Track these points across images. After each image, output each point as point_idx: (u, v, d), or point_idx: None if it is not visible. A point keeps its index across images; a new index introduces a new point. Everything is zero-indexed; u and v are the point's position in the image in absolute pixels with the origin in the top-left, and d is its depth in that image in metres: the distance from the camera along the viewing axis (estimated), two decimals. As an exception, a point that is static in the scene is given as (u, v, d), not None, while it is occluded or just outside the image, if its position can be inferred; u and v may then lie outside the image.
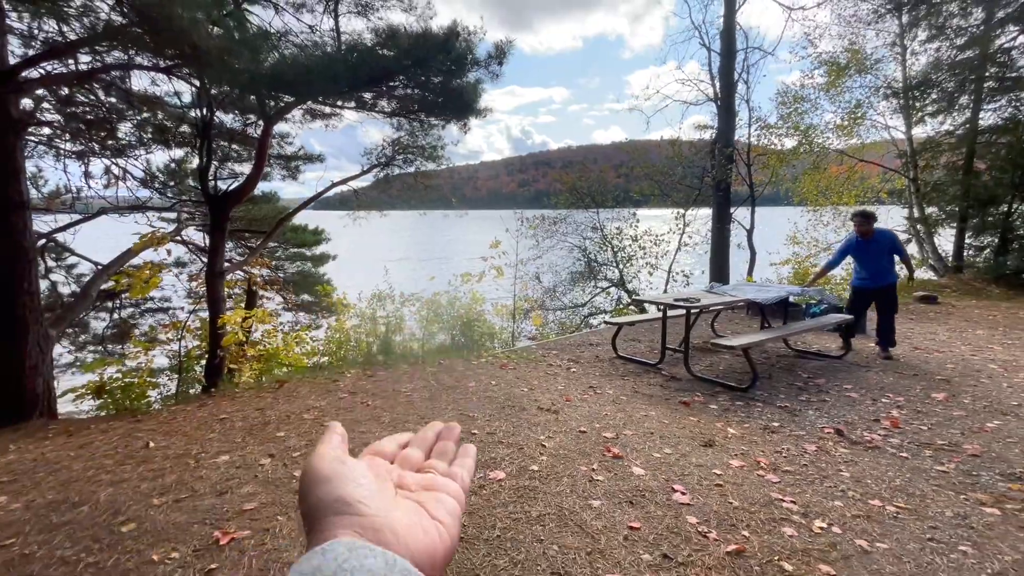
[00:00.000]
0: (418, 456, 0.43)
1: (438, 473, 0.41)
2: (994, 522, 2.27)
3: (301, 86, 4.36)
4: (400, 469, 0.40)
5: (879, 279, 5.20)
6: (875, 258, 5.19)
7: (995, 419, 3.48)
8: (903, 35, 11.87)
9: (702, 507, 2.37)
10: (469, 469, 0.43)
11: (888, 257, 5.19)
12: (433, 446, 0.44)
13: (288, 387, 4.52)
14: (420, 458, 0.42)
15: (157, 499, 2.48)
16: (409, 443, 0.44)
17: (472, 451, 0.45)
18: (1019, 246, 10.73)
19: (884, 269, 5.19)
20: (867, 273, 5.27)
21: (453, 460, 0.43)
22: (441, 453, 0.43)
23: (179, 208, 7.97)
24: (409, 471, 0.40)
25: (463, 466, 0.42)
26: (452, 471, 0.41)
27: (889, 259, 5.20)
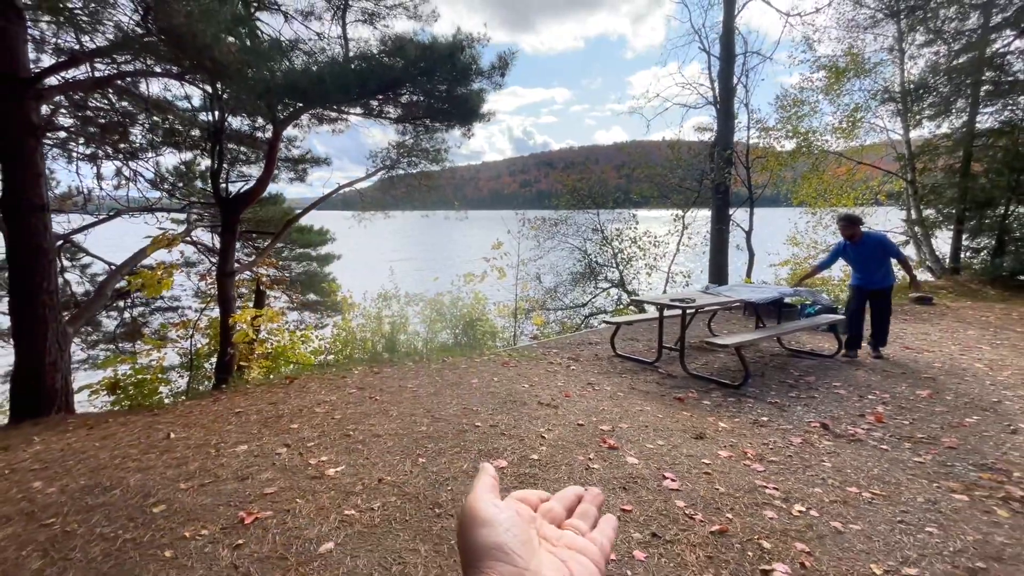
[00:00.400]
0: (560, 512, 0.43)
1: (580, 534, 0.41)
2: (961, 507, 2.44)
3: (313, 95, 4.55)
4: (543, 520, 0.42)
5: (874, 282, 5.22)
6: (866, 262, 5.24)
7: (974, 415, 3.65)
8: (901, 39, 12.01)
9: (690, 492, 2.54)
10: (610, 538, 0.42)
11: (881, 260, 5.20)
12: (575, 507, 0.45)
13: (298, 383, 4.71)
14: (562, 514, 0.43)
15: (183, 484, 2.67)
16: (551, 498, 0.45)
17: (614, 522, 0.45)
18: (1015, 248, 10.85)
19: (878, 272, 5.20)
20: (862, 275, 5.31)
21: (595, 525, 0.43)
22: (583, 515, 0.44)
23: (189, 210, 8.17)
24: (551, 525, 0.41)
25: (604, 534, 0.42)
26: (594, 536, 0.42)
27: (882, 262, 5.20)
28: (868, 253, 5.19)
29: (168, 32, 3.26)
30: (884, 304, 5.24)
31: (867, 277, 5.25)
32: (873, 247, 5.19)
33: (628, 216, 12.45)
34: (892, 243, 5.28)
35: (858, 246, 5.22)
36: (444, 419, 3.54)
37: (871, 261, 5.20)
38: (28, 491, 2.74)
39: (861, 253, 5.23)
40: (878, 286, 5.23)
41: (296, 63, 5.03)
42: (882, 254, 5.19)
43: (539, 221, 12.37)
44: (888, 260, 5.23)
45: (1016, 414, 3.64)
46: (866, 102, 12.50)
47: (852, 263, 5.42)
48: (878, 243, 5.20)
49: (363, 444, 3.14)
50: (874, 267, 5.20)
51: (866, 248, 5.20)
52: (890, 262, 5.25)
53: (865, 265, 5.25)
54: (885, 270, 5.24)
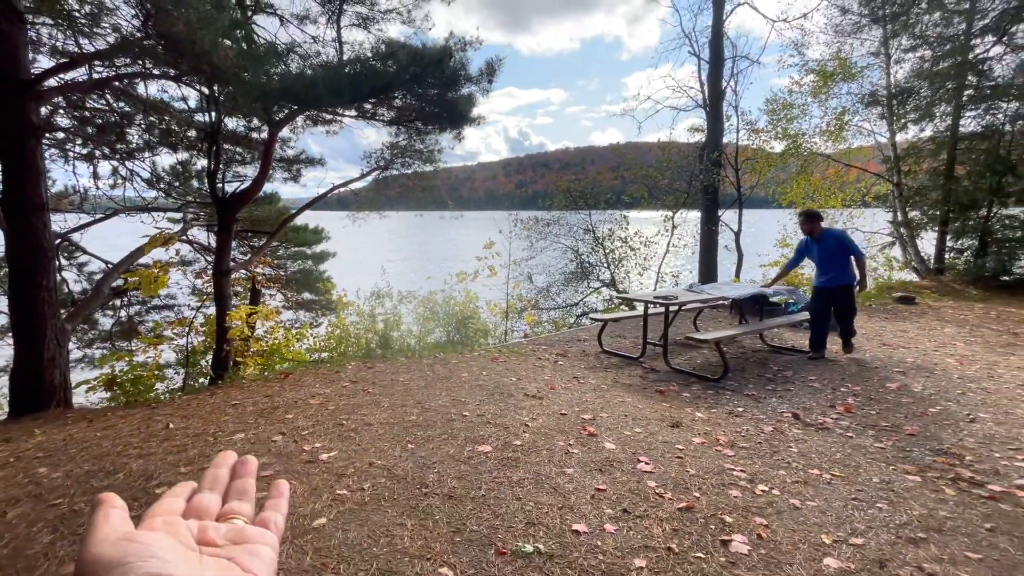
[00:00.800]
0: (215, 502, 0.39)
1: (246, 520, 0.38)
2: (913, 487, 2.62)
3: (308, 98, 4.70)
4: (199, 522, 0.36)
5: (834, 279, 5.21)
6: (826, 258, 5.23)
7: (938, 405, 3.84)
8: (887, 43, 12.26)
9: (662, 474, 2.71)
10: (283, 513, 0.39)
11: (841, 257, 5.19)
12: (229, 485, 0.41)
13: (293, 378, 4.85)
14: (217, 503, 0.39)
15: (184, 468, 2.82)
16: (200, 489, 0.40)
17: (285, 491, 0.41)
18: (997, 249, 11.10)
19: (838, 269, 5.19)
20: (822, 273, 5.30)
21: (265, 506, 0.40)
22: (240, 492, 0.40)
23: (186, 209, 8.29)
24: (210, 522, 0.37)
25: (276, 508, 0.39)
26: (265, 517, 0.38)
27: (843, 259, 5.19)
28: (828, 250, 5.21)
29: (168, 38, 3.39)
30: (847, 301, 5.25)
31: (828, 275, 5.24)
32: (833, 244, 5.19)
33: (619, 217, 12.64)
34: (851, 240, 5.27)
35: (819, 242, 5.25)
36: (433, 409, 3.70)
37: (832, 257, 5.20)
38: (34, 476, 2.88)
39: (822, 250, 5.25)
40: (839, 283, 5.21)
41: (291, 66, 5.17)
42: (842, 251, 5.19)
43: (532, 221, 12.54)
44: (848, 257, 5.21)
45: (977, 405, 3.84)
46: (853, 105, 12.75)
47: (814, 261, 5.41)
48: (838, 240, 5.21)
49: (355, 432, 3.29)
50: (834, 264, 5.19)
51: (826, 244, 5.21)
52: (850, 259, 5.23)
53: (826, 262, 5.25)
54: (845, 266, 5.21)
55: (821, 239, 5.24)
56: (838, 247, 5.18)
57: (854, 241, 5.29)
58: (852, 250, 5.20)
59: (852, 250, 5.20)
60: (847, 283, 5.22)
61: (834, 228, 5.44)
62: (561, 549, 2.05)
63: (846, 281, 5.21)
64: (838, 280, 5.21)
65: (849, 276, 5.22)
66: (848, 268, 5.22)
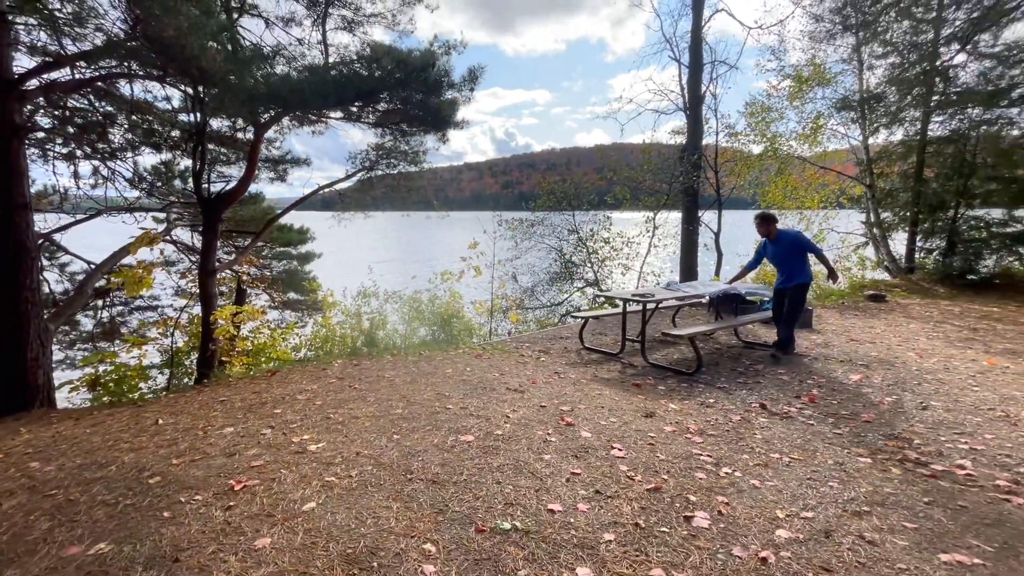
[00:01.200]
0: None
1: None
2: (863, 467, 2.83)
3: (294, 102, 4.79)
4: None
5: (788, 280, 5.26)
6: (781, 259, 5.29)
7: (895, 395, 4.09)
8: (859, 50, 12.68)
9: (633, 459, 2.89)
10: None
11: (797, 258, 5.21)
12: None
13: (280, 375, 4.94)
14: None
15: (175, 460, 2.91)
16: None
17: None
18: (964, 249, 11.55)
19: (793, 270, 5.22)
20: (780, 274, 5.37)
21: None
22: None
23: (169, 209, 8.28)
24: None
25: None
26: None
27: (798, 260, 5.22)
28: (784, 250, 5.26)
29: (157, 41, 3.46)
30: (794, 302, 5.25)
31: (785, 276, 5.30)
32: (789, 244, 5.25)
33: (603, 218, 12.87)
34: (807, 240, 5.31)
35: (775, 244, 5.31)
36: (418, 403, 3.83)
37: (788, 258, 5.26)
38: (26, 470, 2.95)
39: (779, 250, 5.30)
40: (794, 283, 5.25)
41: (278, 69, 5.26)
42: (798, 252, 5.22)
43: (516, 222, 12.71)
44: (804, 257, 5.24)
45: (931, 394, 4.09)
46: (828, 110, 13.15)
47: (772, 262, 5.47)
48: (793, 240, 5.25)
49: (342, 425, 3.41)
50: (790, 264, 5.25)
51: (782, 245, 5.27)
52: (807, 259, 5.27)
53: (782, 262, 5.31)
54: (800, 267, 5.25)
55: (777, 240, 5.30)
56: (793, 248, 5.23)
57: (809, 240, 5.33)
58: (809, 249, 5.24)
59: (809, 249, 5.24)
60: (802, 282, 5.26)
61: (790, 229, 5.47)
62: (537, 526, 2.21)
63: (801, 280, 5.26)
64: (792, 280, 5.26)
65: (805, 276, 5.27)
66: (804, 268, 5.27)
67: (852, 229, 13.94)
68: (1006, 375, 4.59)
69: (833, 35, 12.00)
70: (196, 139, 6.16)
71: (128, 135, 7.87)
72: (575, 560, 1.98)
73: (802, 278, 5.26)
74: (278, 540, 2.10)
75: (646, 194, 12.80)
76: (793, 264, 5.25)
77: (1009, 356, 5.23)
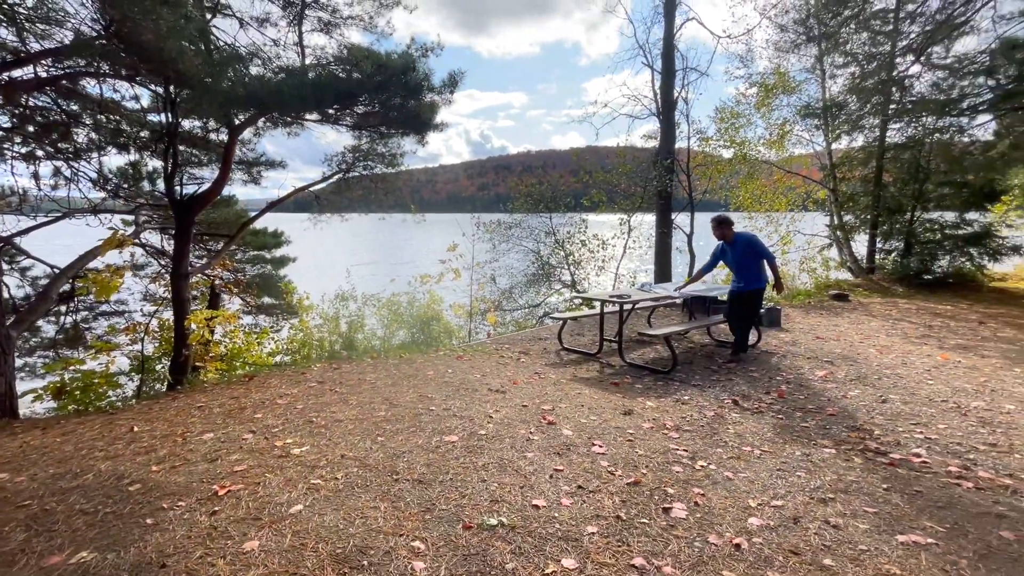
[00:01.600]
0: None
1: None
2: (828, 457, 3.00)
3: (272, 104, 4.75)
4: None
5: (746, 283, 5.20)
6: (737, 262, 5.24)
7: (856, 389, 4.31)
8: (821, 60, 13.22)
9: (613, 455, 2.99)
10: None
11: (752, 260, 5.17)
12: None
13: (258, 380, 4.88)
14: None
15: (155, 467, 2.87)
16: None
17: None
18: (920, 250, 12.15)
19: (749, 273, 5.18)
20: (736, 277, 5.32)
21: None
22: None
23: (138, 211, 8.06)
24: None
25: None
26: None
27: (754, 263, 5.17)
28: (740, 253, 5.23)
29: (132, 43, 3.40)
30: (750, 307, 5.25)
31: (740, 279, 5.26)
32: (744, 247, 5.21)
33: (579, 220, 13.06)
34: (760, 243, 5.26)
35: (732, 247, 5.29)
36: (401, 405, 3.86)
37: (743, 261, 5.22)
38: (-4, 481, 2.86)
39: (735, 254, 5.28)
40: (750, 288, 5.21)
41: (253, 70, 5.20)
42: (752, 254, 5.18)
43: (494, 224, 12.77)
44: (759, 261, 5.20)
45: (889, 388, 4.33)
46: (793, 116, 13.66)
47: (728, 265, 5.41)
48: (747, 243, 5.21)
49: (325, 428, 3.41)
50: (746, 268, 5.21)
51: (738, 248, 5.24)
52: (762, 263, 5.21)
53: (738, 266, 5.26)
54: (756, 271, 5.20)
55: (734, 243, 5.27)
56: (748, 251, 5.20)
57: (763, 244, 5.28)
58: (762, 253, 5.19)
59: (762, 253, 5.19)
60: (757, 287, 5.22)
61: (745, 232, 5.39)
62: (522, 521, 2.28)
63: (756, 285, 5.21)
64: (749, 285, 5.22)
65: (761, 280, 5.22)
66: (760, 272, 5.23)
67: (817, 231, 14.49)
68: (957, 369, 4.88)
69: (797, 45, 12.48)
70: (167, 140, 6.03)
71: (93, 135, 7.63)
72: (560, 552, 2.06)
73: (759, 283, 5.23)
74: (266, 542, 2.11)
75: (621, 197, 13.05)
76: (750, 267, 5.21)
77: (960, 351, 5.56)
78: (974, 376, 4.64)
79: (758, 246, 5.21)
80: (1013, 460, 2.97)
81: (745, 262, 5.21)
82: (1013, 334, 6.47)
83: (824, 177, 14.19)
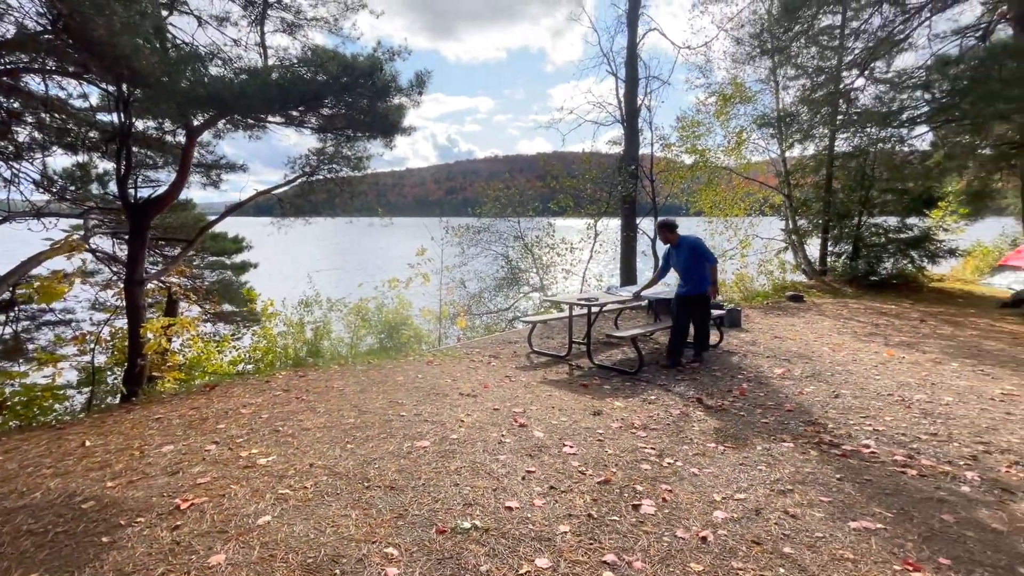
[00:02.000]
0: None
1: None
2: (787, 451, 3.14)
3: (236, 106, 4.62)
4: None
5: (692, 287, 5.18)
6: (684, 266, 5.22)
7: (811, 385, 4.53)
8: (775, 72, 13.85)
9: (584, 455, 3.04)
10: None
11: (696, 265, 5.15)
12: None
13: (220, 389, 4.71)
14: None
15: (111, 483, 2.74)
16: None
17: None
18: (867, 253, 12.85)
19: (695, 277, 5.15)
20: (683, 282, 5.30)
21: None
22: None
23: (87, 215, 7.66)
24: None
25: None
26: None
27: (699, 267, 5.14)
28: (684, 257, 5.21)
29: (82, 39, 3.25)
30: (703, 311, 5.25)
31: (687, 284, 5.23)
32: (688, 251, 5.18)
33: (546, 224, 13.20)
34: (703, 247, 5.22)
35: (677, 250, 5.27)
36: (370, 411, 3.81)
37: (688, 264, 5.19)
38: (-69, 503, 2.67)
39: (679, 257, 5.26)
40: (695, 292, 5.19)
41: (213, 71, 5.05)
42: (696, 259, 5.16)
43: (463, 229, 12.76)
44: (704, 264, 5.18)
45: (842, 384, 4.57)
46: (750, 125, 14.24)
47: (676, 269, 5.38)
48: (691, 247, 5.18)
49: (292, 437, 3.34)
50: (691, 272, 5.18)
51: (682, 252, 5.22)
52: (706, 267, 5.20)
53: (684, 270, 5.24)
54: (701, 275, 5.18)
55: (679, 247, 5.25)
56: (691, 255, 5.17)
57: (707, 247, 5.26)
58: (705, 256, 5.18)
59: (705, 256, 5.18)
60: (702, 291, 5.20)
61: (689, 236, 5.35)
62: (496, 523, 2.29)
63: (702, 290, 5.19)
64: (695, 289, 5.20)
65: (704, 285, 5.21)
66: (704, 276, 5.21)
67: (774, 235, 15.11)
68: (902, 364, 5.20)
69: (752, 57, 13.03)
70: (120, 141, 5.76)
71: (36, 134, 7.21)
72: (534, 552, 2.09)
73: (705, 285, 5.21)
74: (233, 556, 2.06)
75: (588, 202, 13.27)
76: (695, 271, 5.19)
77: (904, 348, 5.92)
78: (916, 371, 4.95)
79: (701, 250, 5.19)
80: (951, 448, 3.19)
81: (690, 266, 5.18)
82: (951, 331, 6.94)
83: (779, 183, 14.83)
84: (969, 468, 2.92)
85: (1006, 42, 9.08)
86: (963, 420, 3.66)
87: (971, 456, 3.08)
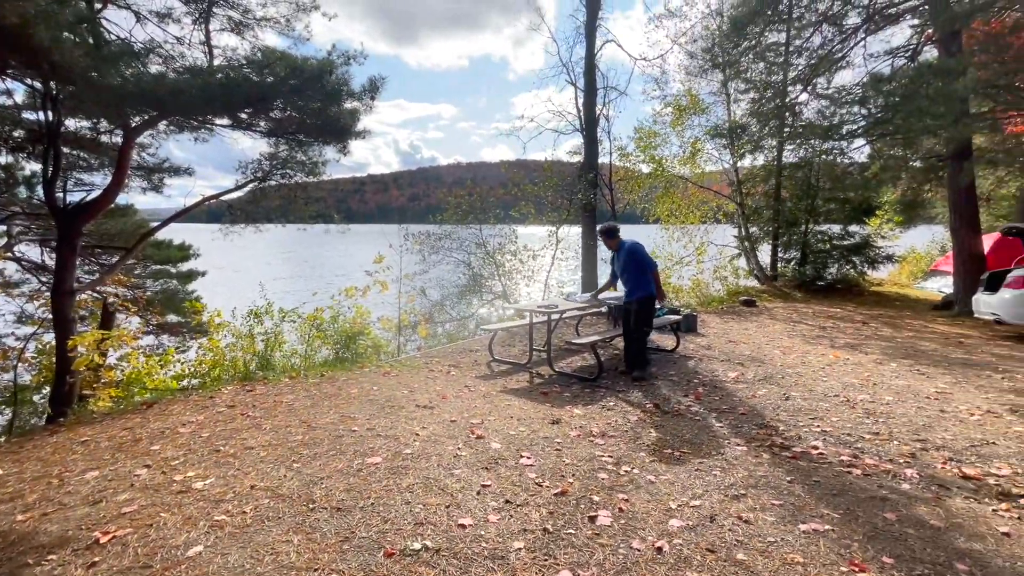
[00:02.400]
0: None
1: None
2: (740, 455, 3.19)
3: (173, 105, 4.36)
4: None
5: (630, 292, 5.01)
6: (622, 270, 5.06)
7: (764, 388, 4.65)
8: (726, 85, 14.40)
9: (541, 466, 2.99)
10: None
11: (634, 269, 4.95)
12: None
13: (158, 407, 4.41)
14: None
15: (21, 515, 2.48)
16: None
17: None
18: (814, 259, 13.47)
19: (633, 282, 4.95)
20: (624, 286, 5.14)
21: None
22: None
23: (11, 221, 7.08)
24: None
25: None
26: None
27: (637, 272, 4.94)
28: (622, 261, 5.06)
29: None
30: (636, 318, 4.97)
31: (627, 288, 5.07)
32: (625, 256, 5.00)
33: (509, 231, 13.19)
34: (641, 252, 4.99)
35: (618, 255, 5.12)
36: (320, 427, 3.63)
37: (625, 268, 5.03)
38: None
39: (618, 262, 5.14)
40: (629, 297, 5.03)
41: (152, 68, 4.77)
42: (635, 264, 4.95)
43: (424, 236, 12.58)
44: (643, 269, 4.95)
45: (792, 386, 4.71)
46: (703, 136, 14.73)
47: (618, 274, 5.22)
48: (629, 252, 4.98)
49: (234, 457, 3.13)
50: (629, 277, 5.00)
51: (620, 257, 5.07)
52: (648, 273, 4.96)
53: (623, 274, 5.08)
54: (638, 280, 4.94)
55: (619, 251, 5.10)
56: (629, 259, 4.98)
57: (645, 252, 5.03)
58: (643, 261, 4.94)
59: (643, 261, 4.94)
60: (638, 296, 4.93)
61: (628, 240, 5.14)
62: (448, 543, 2.20)
63: (638, 295, 4.92)
64: (632, 294, 4.99)
65: (642, 289, 4.92)
66: (642, 281, 4.94)
67: (728, 242, 15.64)
68: (846, 366, 5.42)
69: (705, 71, 13.50)
70: (47, 141, 5.35)
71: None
72: (486, 572, 2.01)
73: (641, 291, 4.95)
74: (157, 593, 1.88)
75: (549, 209, 13.34)
76: (633, 276, 4.98)
77: (848, 350, 6.19)
78: (859, 371, 5.17)
79: (639, 255, 4.97)
80: (892, 447, 3.32)
81: (627, 270, 4.99)
82: (890, 333, 7.32)
83: (732, 192, 15.38)
84: (908, 466, 3.04)
85: (931, 62, 9.76)
86: (902, 419, 3.82)
87: (910, 454, 3.20)
